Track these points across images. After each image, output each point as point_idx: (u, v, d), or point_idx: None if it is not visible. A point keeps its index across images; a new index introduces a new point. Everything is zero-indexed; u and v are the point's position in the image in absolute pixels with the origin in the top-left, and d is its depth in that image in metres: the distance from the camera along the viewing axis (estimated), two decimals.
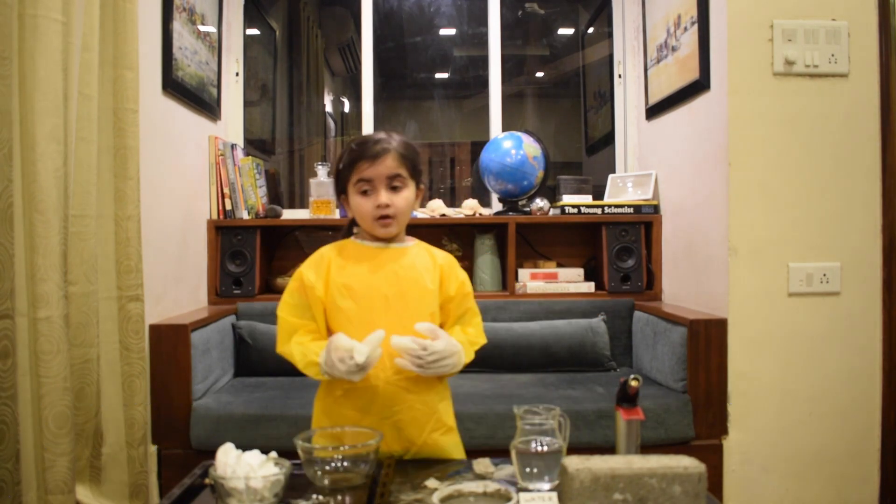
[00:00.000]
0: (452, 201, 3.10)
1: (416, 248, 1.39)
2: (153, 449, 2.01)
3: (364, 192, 1.31)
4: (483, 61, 3.15)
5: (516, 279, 2.69)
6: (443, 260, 1.39)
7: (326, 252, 1.36)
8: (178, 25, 2.27)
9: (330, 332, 1.32)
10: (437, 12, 3.48)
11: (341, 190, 1.37)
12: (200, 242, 2.57)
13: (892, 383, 2.06)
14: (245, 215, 2.68)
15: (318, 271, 1.34)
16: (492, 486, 1.05)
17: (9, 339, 1.39)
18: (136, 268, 1.87)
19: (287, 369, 2.39)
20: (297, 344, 1.30)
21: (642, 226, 2.68)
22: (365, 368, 1.21)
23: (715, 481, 2.04)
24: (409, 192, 1.34)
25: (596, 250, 2.80)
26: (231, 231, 2.64)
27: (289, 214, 2.90)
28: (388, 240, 1.37)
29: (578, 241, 2.88)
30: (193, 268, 2.50)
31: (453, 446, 1.37)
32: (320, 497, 1.09)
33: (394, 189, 1.32)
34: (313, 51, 3.79)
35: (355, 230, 1.43)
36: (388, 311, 1.30)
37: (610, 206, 2.69)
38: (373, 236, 1.36)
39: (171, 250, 2.29)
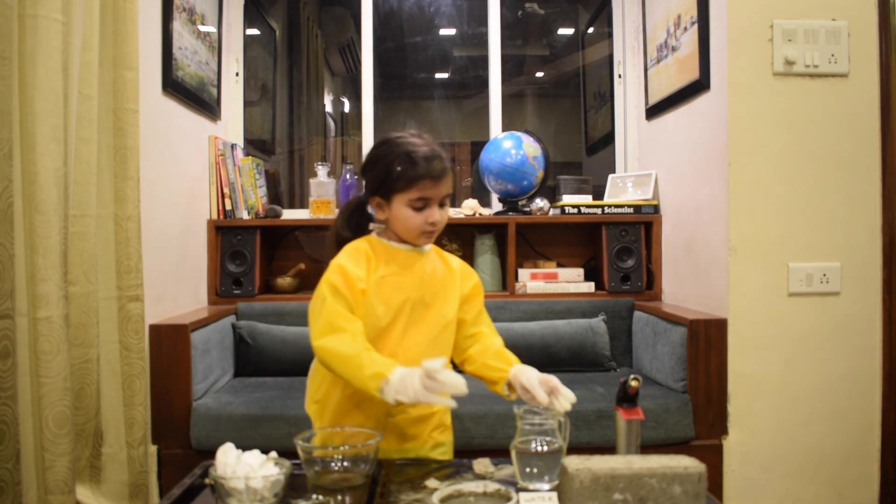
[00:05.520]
0: (452, 201, 3.11)
1: (432, 254, 1.40)
2: (153, 449, 2.01)
3: (417, 209, 1.29)
4: (483, 61, 3.15)
5: (516, 279, 2.69)
6: (457, 264, 1.42)
7: (363, 249, 1.32)
8: (178, 25, 2.27)
9: None
10: (437, 12, 3.48)
11: (383, 194, 1.31)
12: (200, 242, 2.57)
13: (892, 383, 2.06)
14: (245, 215, 2.68)
15: (359, 266, 1.29)
16: (492, 486, 1.05)
17: (9, 339, 1.39)
18: (136, 268, 1.87)
19: (287, 369, 2.42)
20: (366, 350, 1.21)
21: (642, 226, 2.68)
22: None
23: (715, 481, 2.04)
24: (449, 204, 1.35)
25: (596, 250, 2.80)
26: (231, 231, 2.64)
27: (289, 214, 2.90)
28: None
29: (578, 241, 2.88)
30: (193, 268, 2.50)
31: (448, 445, 1.41)
32: (320, 497, 1.09)
33: (441, 205, 1.32)
34: (313, 51, 3.79)
35: (372, 226, 1.40)
36: (411, 314, 1.32)
37: (610, 206, 2.69)
38: (400, 239, 1.35)
39: (171, 250, 2.29)
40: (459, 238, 2.82)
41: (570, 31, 3.77)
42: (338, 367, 1.22)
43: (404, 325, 1.31)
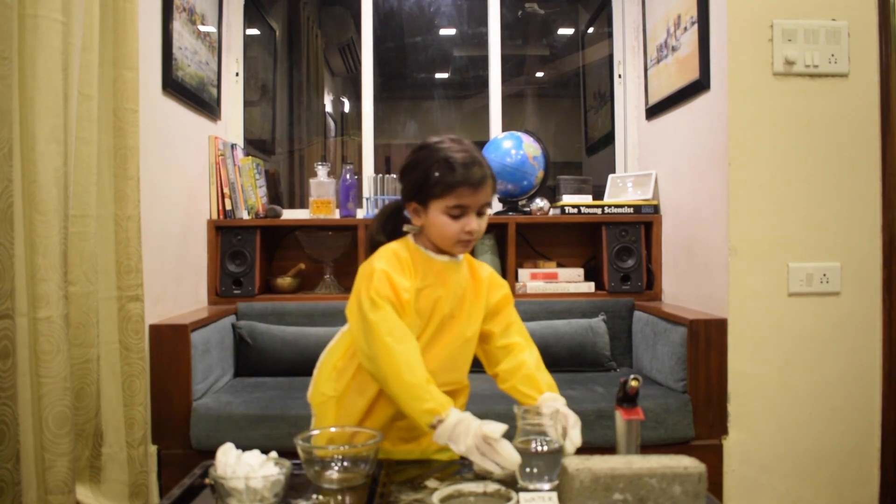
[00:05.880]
0: None
1: (464, 264, 1.36)
2: (153, 449, 2.01)
3: (454, 216, 1.25)
4: (483, 61, 3.15)
5: (516, 279, 2.69)
6: (486, 274, 1.39)
7: (405, 258, 1.27)
8: (178, 25, 2.27)
9: None
10: (437, 12, 3.48)
11: (420, 199, 1.28)
12: (200, 242, 2.57)
13: (892, 383, 2.06)
14: (245, 215, 2.68)
15: (403, 276, 1.25)
16: (492, 486, 1.05)
17: (9, 339, 1.39)
18: (136, 268, 1.87)
19: (287, 369, 2.42)
20: (428, 381, 1.16)
21: (642, 226, 2.68)
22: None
23: (715, 481, 2.04)
24: (488, 213, 1.31)
25: (596, 250, 2.80)
26: (231, 231, 2.64)
27: (289, 214, 2.90)
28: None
29: (578, 241, 2.88)
30: (193, 268, 2.50)
31: None
32: (320, 497, 1.09)
33: (479, 214, 1.28)
34: (313, 51, 3.79)
35: (407, 227, 1.35)
36: (441, 328, 1.30)
37: (610, 206, 2.69)
38: (437, 248, 1.31)
39: (171, 250, 2.29)
40: None
41: (570, 31, 3.77)
42: (392, 381, 1.17)
43: (429, 337, 1.29)
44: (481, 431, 1.09)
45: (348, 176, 2.75)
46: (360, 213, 2.81)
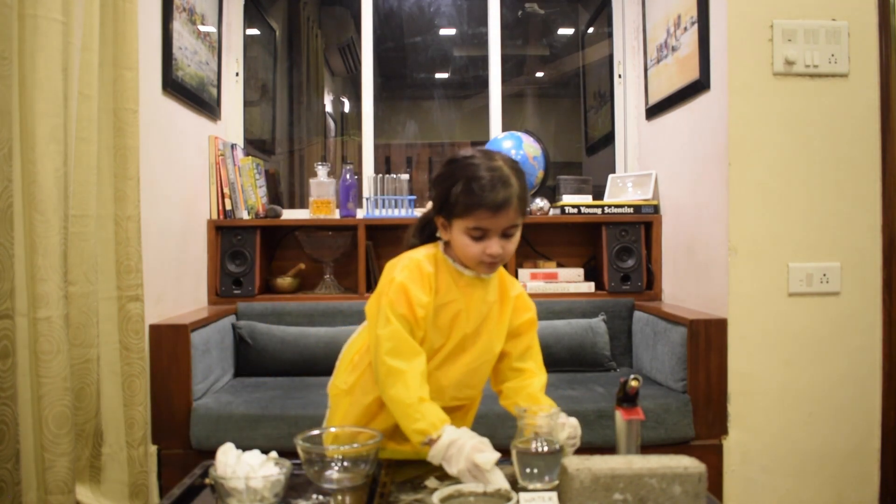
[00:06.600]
0: None
1: (494, 279, 1.32)
2: (153, 449, 2.01)
3: (475, 238, 1.21)
4: (483, 61, 3.15)
5: (516, 279, 2.69)
6: (515, 293, 1.35)
7: (427, 273, 1.24)
8: (178, 25, 2.27)
9: None
10: (437, 12, 3.48)
11: (445, 215, 1.25)
12: (200, 242, 2.57)
13: (892, 383, 2.06)
14: (245, 215, 2.68)
15: (423, 291, 1.22)
16: (492, 486, 1.05)
17: (9, 339, 1.39)
18: (136, 268, 1.87)
19: (287, 369, 2.42)
20: (420, 400, 1.15)
21: (642, 226, 2.68)
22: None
23: (715, 481, 2.04)
24: (518, 234, 1.24)
25: (596, 250, 2.80)
26: (231, 231, 2.64)
27: (289, 214, 2.90)
28: None
29: (578, 241, 2.88)
30: (193, 268, 2.50)
31: None
32: (320, 497, 1.09)
33: (506, 236, 1.22)
34: (313, 51, 3.79)
35: (439, 234, 1.33)
36: (461, 345, 1.29)
37: (610, 206, 2.69)
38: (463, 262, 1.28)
39: (171, 250, 2.29)
40: None
41: (570, 31, 3.77)
42: (386, 398, 1.19)
43: (449, 352, 1.28)
44: (472, 458, 1.08)
45: (348, 176, 2.75)
46: (360, 213, 2.81)
